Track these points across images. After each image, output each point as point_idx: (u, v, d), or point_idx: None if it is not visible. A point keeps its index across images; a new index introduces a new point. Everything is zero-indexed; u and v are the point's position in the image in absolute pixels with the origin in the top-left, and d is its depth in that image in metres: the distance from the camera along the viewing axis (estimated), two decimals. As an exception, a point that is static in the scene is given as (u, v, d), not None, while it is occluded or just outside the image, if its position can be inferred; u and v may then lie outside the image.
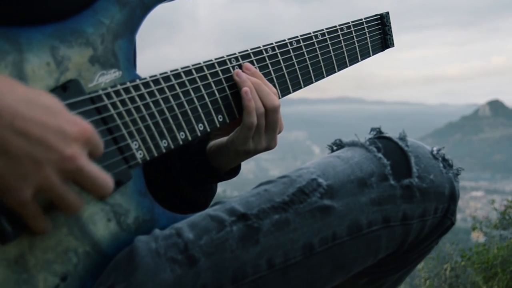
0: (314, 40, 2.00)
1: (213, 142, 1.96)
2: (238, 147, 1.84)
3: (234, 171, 2.02)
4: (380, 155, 1.61)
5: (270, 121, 1.82)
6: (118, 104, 1.47)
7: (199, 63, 1.68)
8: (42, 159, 1.15)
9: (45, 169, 1.16)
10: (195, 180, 1.96)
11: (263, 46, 1.86)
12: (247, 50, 1.82)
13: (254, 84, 1.77)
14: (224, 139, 1.92)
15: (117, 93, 1.47)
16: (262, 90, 1.79)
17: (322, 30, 2.04)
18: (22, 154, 1.13)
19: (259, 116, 1.78)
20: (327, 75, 2.06)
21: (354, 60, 2.17)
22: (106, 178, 1.27)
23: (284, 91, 1.93)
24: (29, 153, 1.14)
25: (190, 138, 1.63)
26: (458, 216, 1.72)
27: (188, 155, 1.92)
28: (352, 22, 2.16)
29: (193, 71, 1.66)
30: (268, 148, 1.89)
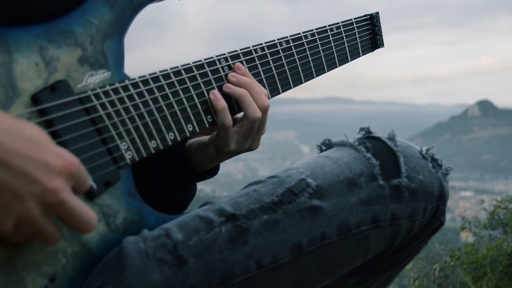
0: (304, 40, 2.00)
1: (194, 140, 1.97)
2: (220, 147, 1.84)
3: (212, 171, 2.01)
4: (369, 155, 1.61)
5: (260, 122, 1.83)
6: (107, 104, 1.46)
7: (189, 64, 1.68)
8: (23, 191, 1.13)
9: (26, 202, 1.14)
10: (172, 179, 1.95)
11: (253, 46, 1.86)
12: (237, 51, 1.82)
13: (244, 84, 1.79)
14: (206, 137, 1.92)
15: (106, 93, 1.47)
16: (253, 90, 1.79)
17: (312, 30, 2.04)
18: (3, 186, 1.11)
19: (255, 121, 1.79)
20: (317, 75, 2.06)
21: (343, 61, 2.17)
22: (89, 214, 1.24)
23: (274, 92, 1.92)
24: (10, 185, 1.12)
25: (179, 139, 1.63)
26: (447, 216, 1.73)
27: (165, 154, 1.91)
28: (342, 22, 2.16)
29: (182, 72, 1.66)
30: (251, 149, 1.90)
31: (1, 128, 1.14)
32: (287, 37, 1.96)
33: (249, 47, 1.85)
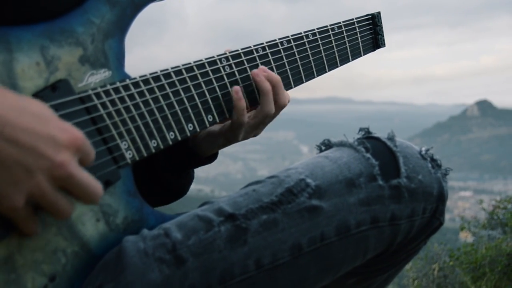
0: (305, 40, 2.01)
1: None
2: (229, 138, 1.90)
3: (213, 156, 2.06)
4: (368, 155, 1.61)
5: (272, 117, 1.89)
6: (108, 104, 1.47)
7: (189, 63, 1.68)
8: (33, 166, 1.15)
9: (36, 176, 1.16)
10: (174, 164, 1.98)
11: (254, 46, 1.86)
12: (238, 50, 1.82)
13: (274, 80, 1.85)
14: (216, 128, 1.95)
15: (107, 93, 1.47)
16: (280, 88, 1.86)
17: (313, 30, 2.04)
18: (13, 162, 1.13)
19: (268, 116, 1.86)
20: (318, 75, 2.07)
21: (345, 60, 2.17)
22: (96, 185, 1.26)
23: (275, 91, 1.94)
24: (20, 160, 1.14)
25: (179, 138, 1.63)
26: (447, 216, 1.73)
27: None
28: (343, 22, 2.16)
29: (183, 71, 1.66)
30: (255, 136, 1.98)
31: (8, 105, 1.15)
32: (288, 36, 1.96)
33: (250, 47, 1.85)
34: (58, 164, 1.18)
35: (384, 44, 2.32)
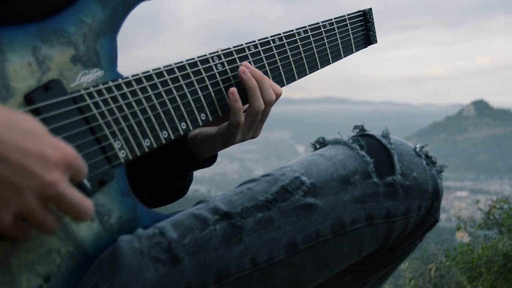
0: (297, 37, 2.01)
1: (199, 130, 1.99)
2: (227, 140, 1.89)
3: (212, 159, 2.06)
4: (363, 152, 1.61)
5: (263, 114, 1.88)
6: (100, 103, 1.46)
7: (182, 62, 1.68)
8: (22, 185, 1.14)
9: (25, 195, 1.15)
10: (174, 167, 1.99)
11: (246, 43, 1.86)
12: (230, 48, 1.82)
13: (257, 76, 1.83)
14: (212, 130, 1.95)
15: (99, 92, 1.47)
16: (263, 84, 1.84)
17: (305, 27, 2.05)
18: (2, 180, 1.12)
19: (259, 113, 1.85)
20: (310, 72, 2.07)
21: (337, 57, 2.18)
22: (86, 204, 1.25)
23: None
24: (9, 179, 1.12)
25: (173, 137, 1.63)
26: (443, 216, 1.73)
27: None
28: (335, 18, 2.16)
29: (176, 70, 1.66)
30: (253, 137, 1.96)
31: None
32: (280, 34, 1.97)
33: (242, 45, 1.86)
34: (47, 184, 1.16)
35: (376, 40, 2.32)
